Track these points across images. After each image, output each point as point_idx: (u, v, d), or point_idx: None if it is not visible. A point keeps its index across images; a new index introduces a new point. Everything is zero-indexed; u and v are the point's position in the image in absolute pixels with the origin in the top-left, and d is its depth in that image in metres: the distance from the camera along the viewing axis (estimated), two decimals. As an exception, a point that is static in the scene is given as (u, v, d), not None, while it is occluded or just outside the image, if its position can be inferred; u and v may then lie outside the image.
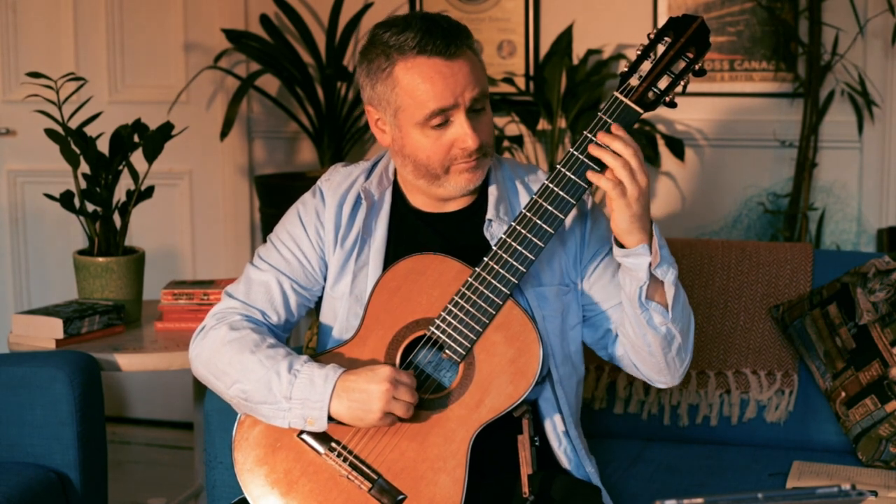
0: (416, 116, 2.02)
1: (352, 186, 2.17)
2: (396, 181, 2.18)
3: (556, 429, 2.12)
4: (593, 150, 1.94)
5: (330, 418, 1.96)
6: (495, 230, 2.10)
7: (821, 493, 1.27)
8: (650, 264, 1.96)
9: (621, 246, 1.98)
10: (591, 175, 1.94)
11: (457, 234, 2.13)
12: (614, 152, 1.92)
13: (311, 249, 2.15)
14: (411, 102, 2.02)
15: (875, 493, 1.36)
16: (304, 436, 2.01)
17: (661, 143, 3.74)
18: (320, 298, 2.19)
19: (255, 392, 2.00)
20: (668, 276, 1.98)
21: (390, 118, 2.07)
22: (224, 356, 2.05)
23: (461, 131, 2.01)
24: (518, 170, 2.21)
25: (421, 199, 2.15)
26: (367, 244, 2.14)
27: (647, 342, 2.03)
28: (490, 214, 2.11)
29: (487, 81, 2.08)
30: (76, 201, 3.07)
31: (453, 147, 2.03)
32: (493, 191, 2.14)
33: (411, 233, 2.14)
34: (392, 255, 2.12)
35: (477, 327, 1.97)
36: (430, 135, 2.03)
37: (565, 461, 2.13)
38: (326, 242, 2.15)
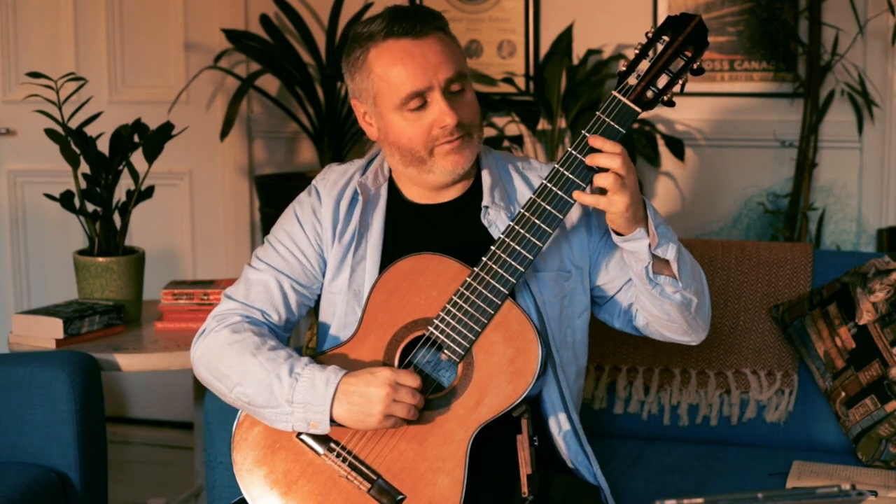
0: (393, 101, 2.03)
1: (348, 183, 2.18)
2: (392, 176, 2.19)
3: (557, 417, 2.11)
4: (592, 161, 1.93)
5: (333, 421, 1.96)
6: (492, 216, 2.10)
7: (821, 493, 1.27)
8: (650, 245, 1.97)
9: (619, 234, 1.99)
10: (596, 178, 1.93)
11: (454, 225, 2.14)
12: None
13: (309, 247, 2.15)
14: (386, 87, 2.03)
15: (875, 493, 1.36)
16: (304, 436, 2.01)
17: (660, 143, 3.73)
18: (319, 296, 2.19)
19: (257, 396, 2.00)
20: (669, 252, 1.98)
21: (371, 107, 2.08)
22: (225, 359, 2.05)
23: (438, 110, 2.02)
24: (511, 157, 2.22)
25: (416, 192, 2.15)
26: (364, 239, 2.14)
27: (665, 311, 2.05)
28: (486, 201, 2.11)
29: (464, 62, 2.07)
30: (76, 201, 3.07)
31: (433, 128, 2.03)
32: (486, 178, 2.14)
33: (408, 226, 2.15)
34: (389, 249, 2.13)
35: (476, 327, 1.97)
36: (408, 118, 2.04)
37: (565, 449, 2.12)
38: (324, 239, 2.15)
